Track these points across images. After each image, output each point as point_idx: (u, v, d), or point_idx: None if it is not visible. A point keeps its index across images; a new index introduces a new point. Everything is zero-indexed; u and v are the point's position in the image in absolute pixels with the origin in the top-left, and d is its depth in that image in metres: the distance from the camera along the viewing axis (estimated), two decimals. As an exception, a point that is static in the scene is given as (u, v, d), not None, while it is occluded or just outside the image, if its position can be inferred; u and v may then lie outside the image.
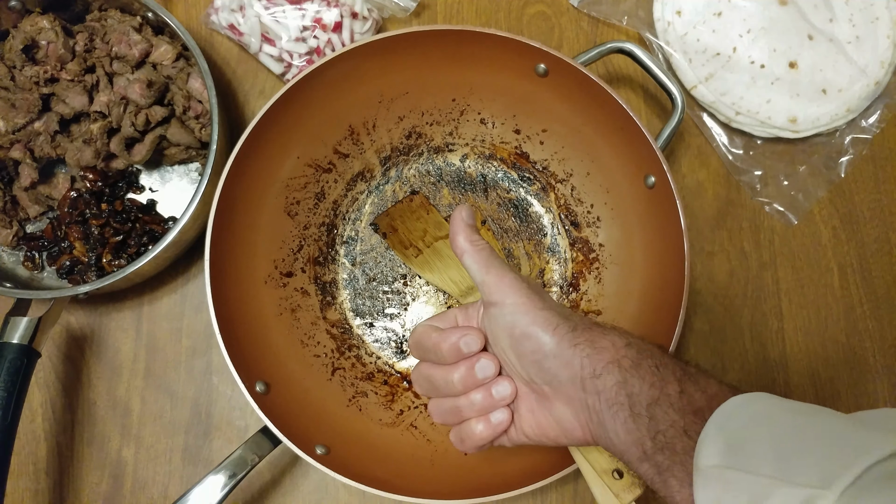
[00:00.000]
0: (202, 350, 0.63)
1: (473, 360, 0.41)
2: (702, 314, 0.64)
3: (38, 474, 0.60)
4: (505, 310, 0.40)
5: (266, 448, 0.52)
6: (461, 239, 0.42)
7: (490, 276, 0.41)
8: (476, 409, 0.41)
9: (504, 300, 0.40)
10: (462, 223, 0.43)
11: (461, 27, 0.55)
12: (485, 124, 0.64)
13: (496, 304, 0.40)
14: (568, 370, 0.38)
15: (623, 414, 0.36)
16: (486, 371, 0.41)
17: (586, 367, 0.37)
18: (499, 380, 0.41)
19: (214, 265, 0.53)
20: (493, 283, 0.40)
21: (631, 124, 0.54)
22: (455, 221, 0.43)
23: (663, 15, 0.67)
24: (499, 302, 0.40)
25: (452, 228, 0.43)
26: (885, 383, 0.63)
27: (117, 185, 0.63)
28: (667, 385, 0.36)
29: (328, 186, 0.63)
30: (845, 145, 0.67)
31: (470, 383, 0.41)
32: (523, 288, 0.40)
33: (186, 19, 0.68)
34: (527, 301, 0.39)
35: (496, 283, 0.40)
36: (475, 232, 0.43)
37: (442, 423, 0.43)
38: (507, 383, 0.41)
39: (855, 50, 0.66)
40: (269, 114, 0.54)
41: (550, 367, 0.38)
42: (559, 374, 0.38)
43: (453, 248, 0.43)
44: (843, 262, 0.65)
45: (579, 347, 0.37)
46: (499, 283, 0.40)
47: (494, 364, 0.41)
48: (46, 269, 0.63)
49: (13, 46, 0.60)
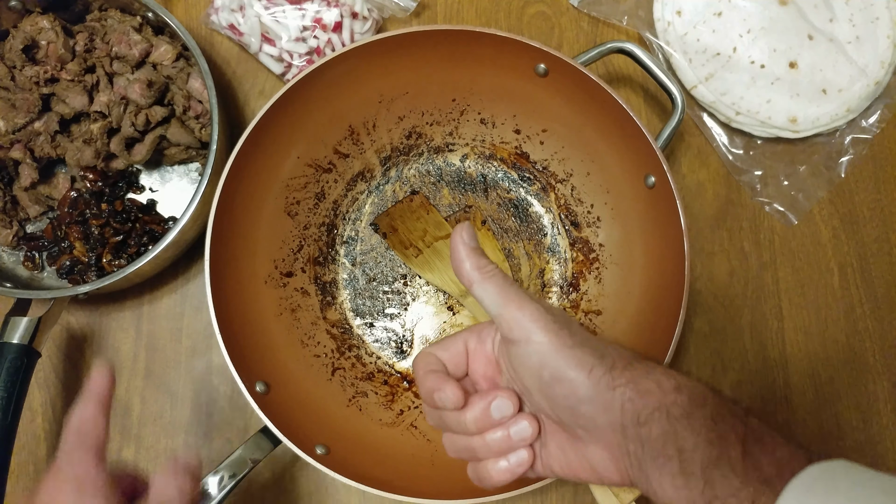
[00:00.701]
0: (202, 350, 0.63)
1: (489, 397, 0.37)
2: (702, 314, 0.64)
3: (38, 474, 0.60)
4: (530, 348, 0.35)
5: (266, 448, 0.52)
6: (467, 267, 0.37)
7: (508, 309, 0.35)
8: (493, 451, 0.37)
9: (528, 337, 0.35)
10: (465, 247, 0.37)
11: (461, 27, 0.55)
12: (485, 124, 0.64)
13: (518, 343, 0.35)
14: (607, 415, 0.33)
15: (671, 468, 0.32)
16: (504, 411, 0.36)
17: (628, 413, 0.33)
18: (518, 419, 0.37)
19: (214, 265, 0.53)
20: (512, 319, 0.35)
21: (631, 124, 0.54)
22: (456, 246, 0.38)
23: (663, 15, 0.67)
24: (521, 340, 0.35)
25: (455, 255, 0.38)
26: (885, 383, 0.63)
27: (117, 185, 0.63)
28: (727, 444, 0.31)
29: (328, 186, 0.63)
30: (845, 145, 0.67)
31: (485, 424, 0.37)
32: (549, 321, 0.35)
33: (186, 19, 0.68)
34: (555, 339, 0.34)
35: (516, 319, 0.35)
36: (481, 255, 0.37)
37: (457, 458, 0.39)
38: (528, 423, 0.36)
39: (855, 50, 0.66)
40: (269, 114, 0.54)
41: (586, 412, 0.34)
42: (596, 418, 0.34)
43: (459, 277, 0.38)
44: (843, 262, 0.65)
45: (619, 390, 0.33)
46: (519, 318, 0.35)
47: (513, 403, 0.36)
48: (46, 269, 0.63)
49: (13, 46, 0.60)
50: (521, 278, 0.63)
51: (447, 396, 0.36)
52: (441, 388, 0.37)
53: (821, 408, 0.62)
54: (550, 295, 0.63)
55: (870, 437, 0.62)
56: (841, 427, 0.62)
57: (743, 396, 0.62)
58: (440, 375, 0.38)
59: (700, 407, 0.32)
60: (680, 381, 0.33)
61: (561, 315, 0.36)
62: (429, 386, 0.37)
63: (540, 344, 0.34)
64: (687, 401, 0.32)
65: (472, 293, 0.37)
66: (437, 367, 0.39)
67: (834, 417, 0.62)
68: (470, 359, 0.40)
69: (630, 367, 0.34)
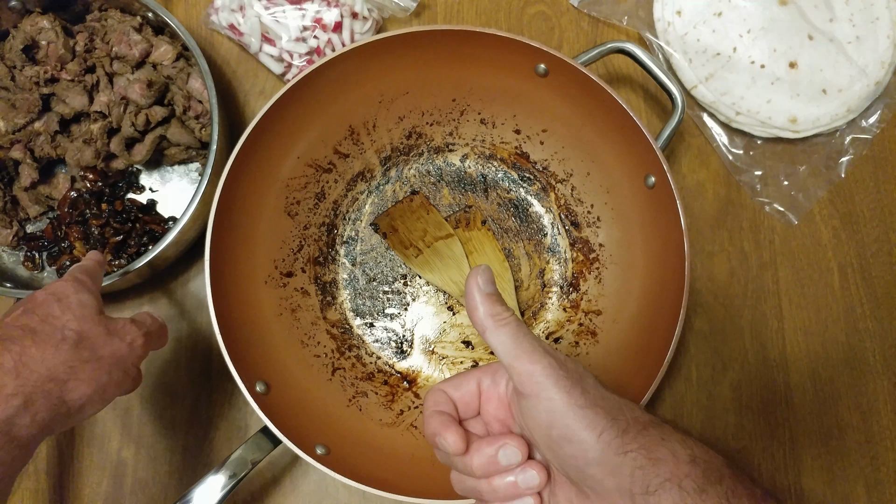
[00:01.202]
0: (202, 350, 0.63)
1: (497, 444, 0.36)
2: (702, 314, 0.64)
3: (38, 474, 0.60)
4: (540, 405, 0.34)
5: (266, 448, 0.52)
6: (480, 314, 0.36)
7: (520, 362, 0.34)
8: (499, 497, 0.36)
9: (539, 393, 0.34)
10: (480, 293, 0.36)
11: (461, 27, 0.55)
12: (485, 124, 0.64)
13: (528, 397, 0.34)
14: (615, 479, 0.32)
15: None
16: (512, 459, 0.35)
17: (638, 481, 0.32)
18: (527, 467, 0.36)
19: (214, 265, 0.53)
20: (524, 372, 0.34)
21: (631, 124, 0.54)
22: (470, 291, 0.36)
23: (663, 15, 0.67)
24: (532, 395, 0.34)
25: (469, 301, 0.36)
26: (885, 383, 0.63)
27: (117, 185, 0.63)
28: None
29: (328, 186, 0.63)
30: (845, 145, 0.67)
31: (492, 469, 0.36)
32: (561, 378, 0.33)
33: (186, 19, 0.68)
34: (566, 397, 0.33)
35: (528, 372, 0.34)
36: (496, 302, 0.36)
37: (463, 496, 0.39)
38: (537, 472, 0.36)
39: (855, 50, 0.66)
40: (270, 114, 0.54)
41: (594, 475, 0.33)
42: (604, 481, 0.33)
43: (472, 322, 0.36)
44: (843, 262, 0.65)
45: (630, 456, 0.32)
46: (531, 372, 0.34)
47: (522, 451, 0.36)
48: (46, 269, 0.63)
49: (13, 46, 0.60)
50: (521, 278, 0.63)
51: (447, 443, 0.36)
52: (442, 433, 0.36)
53: (821, 408, 0.62)
54: (550, 295, 0.63)
55: (870, 437, 0.62)
56: (841, 427, 0.62)
57: (743, 396, 0.62)
58: (445, 419, 0.37)
59: (715, 484, 0.31)
60: (696, 453, 0.32)
61: (575, 370, 0.35)
62: (431, 429, 0.37)
63: (550, 401, 0.33)
64: (701, 475, 0.31)
65: (485, 340, 0.36)
66: (444, 408, 0.38)
67: (834, 417, 0.62)
68: (482, 399, 0.39)
69: (644, 431, 0.33)
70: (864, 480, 0.61)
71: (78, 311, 0.45)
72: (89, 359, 0.44)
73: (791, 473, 0.61)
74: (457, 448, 0.36)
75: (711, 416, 0.62)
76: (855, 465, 0.61)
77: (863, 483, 0.61)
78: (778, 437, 0.62)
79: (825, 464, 0.61)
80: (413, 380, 0.61)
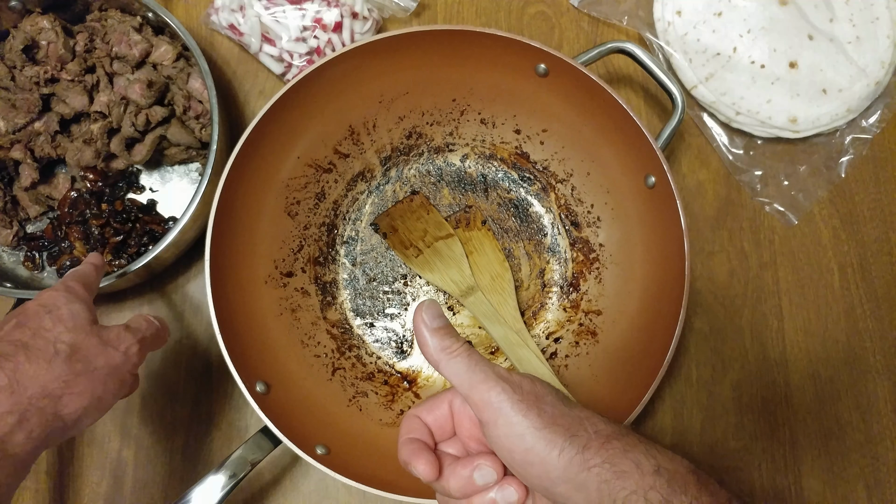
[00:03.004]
0: (202, 350, 0.63)
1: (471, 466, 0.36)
2: (702, 314, 0.64)
3: (38, 474, 0.60)
4: (499, 431, 0.34)
5: (266, 448, 0.52)
6: (431, 349, 0.36)
7: (476, 391, 0.35)
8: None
9: (496, 420, 0.34)
10: (427, 329, 0.37)
11: (461, 27, 0.55)
12: (485, 124, 0.64)
13: (487, 425, 0.35)
14: (582, 495, 0.33)
15: None
16: (488, 479, 0.36)
17: (605, 495, 0.32)
18: (504, 484, 0.36)
19: (214, 265, 0.53)
20: (480, 401, 0.34)
21: (631, 124, 0.54)
22: (418, 328, 0.37)
23: (663, 15, 0.67)
24: (490, 422, 0.34)
25: (418, 337, 0.37)
26: (885, 383, 0.63)
27: (117, 185, 0.63)
28: None
29: (328, 186, 0.63)
30: (845, 145, 0.67)
31: (470, 490, 0.36)
32: (516, 403, 0.34)
33: (186, 19, 0.68)
34: (523, 420, 0.33)
35: (484, 401, 0.34)
36: (447, 335, 0.36)
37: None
38: (514, 489, 0.36)
39: (855, 50, 0.66)
40: (270, 114, 0.54)
41: (562, 493, 0.33)
42: (572, 498, 0.33)
43: (425, 358, 0.37)
44: (843, 262, 0.65)
45: (594, 471, 0.32)
46: (486, 401, 0.34)
47: (497, 471, 0.36)
48: (46, 269, 0.63)
49: (13, 46, 0.60)
50: (521, 278, 0.63)
51: (418, 472, 0.36)
52: (413, 462, 0.36)
53: (821, 408, 0.62)
54: (550, 295, 0.63)
55: (870, 437, 0.62)
56: (841, 427, 0.62)
57: (743, 396, 0.62)
58: (416, 447, 0.37)
59: (680, 494, 0.32)
60: (661, 462, 0.33)
61: (531, 392, 0.35)
62: (403, 458, 0.37)
63: (508, 426, 0.34)
64: (666, 486, 0.32)
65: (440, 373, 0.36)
66: (417, 434, 0.38)
67: (834, 417, 0.62)
68: (455, 420, 0.39)
69: (607, 444, 0.33)
70: (864, 480, 0.61)
71: (70, 322, 0.44)
72: (83, 371, 0.44)
73: (791, 473, 0.61)
74: (427, 475, 0.36)
75: (711, 416, 0.62)
76: (855, 465, 0.61)
77: (863, 483, 0.61)
78: (778, 437, 0.62)
79: (825, 464, 0.61)
80: (413, 380, 0.61)
